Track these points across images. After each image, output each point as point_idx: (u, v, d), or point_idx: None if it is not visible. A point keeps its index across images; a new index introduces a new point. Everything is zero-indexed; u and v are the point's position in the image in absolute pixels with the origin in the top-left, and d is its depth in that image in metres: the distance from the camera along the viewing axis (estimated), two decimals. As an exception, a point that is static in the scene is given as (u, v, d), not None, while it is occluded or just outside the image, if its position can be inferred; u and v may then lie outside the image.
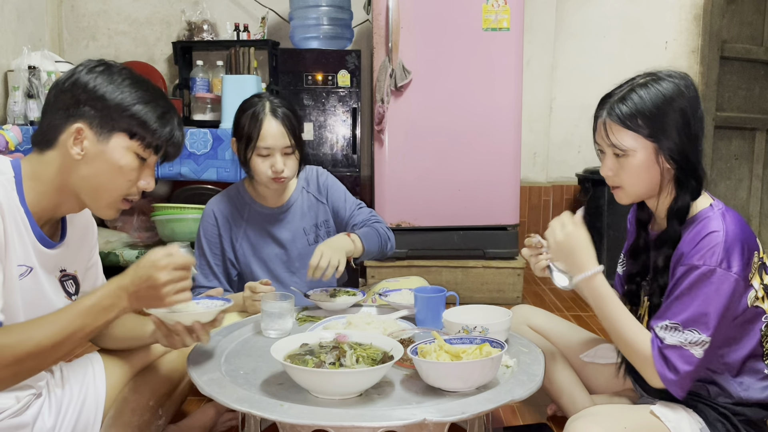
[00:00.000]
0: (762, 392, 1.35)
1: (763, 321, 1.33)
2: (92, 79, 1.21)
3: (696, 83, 1.50)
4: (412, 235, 3.16)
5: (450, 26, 3.04)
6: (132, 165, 1.25)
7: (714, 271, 1.26)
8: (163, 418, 1.48)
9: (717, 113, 3.98)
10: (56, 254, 1.30)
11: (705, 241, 1.28)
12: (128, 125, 1.23)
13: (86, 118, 1.21)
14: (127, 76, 1.25)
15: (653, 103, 1.32)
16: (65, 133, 1.20)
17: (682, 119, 1.33)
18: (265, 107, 1.91)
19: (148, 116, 1.24)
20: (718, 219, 1.31)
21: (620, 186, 1.40)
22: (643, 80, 1.36)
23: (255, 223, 2.04)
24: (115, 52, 3.95)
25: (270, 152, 1.90)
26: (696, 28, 3.94)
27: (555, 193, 4.02)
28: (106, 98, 1.21)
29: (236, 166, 3.13)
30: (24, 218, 1.21)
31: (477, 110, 3.09)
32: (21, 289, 1.21)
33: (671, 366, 1.27)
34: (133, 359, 1.51)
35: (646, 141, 1.33)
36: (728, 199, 4.15)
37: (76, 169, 1.22)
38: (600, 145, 1.41)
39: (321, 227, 2.10)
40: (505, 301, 3.09)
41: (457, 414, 1.18)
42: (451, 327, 1.56)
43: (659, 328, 1.29)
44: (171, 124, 1.28)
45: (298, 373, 1.26)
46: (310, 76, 3.39)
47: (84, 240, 1.41)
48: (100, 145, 1.22)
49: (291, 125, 1.92)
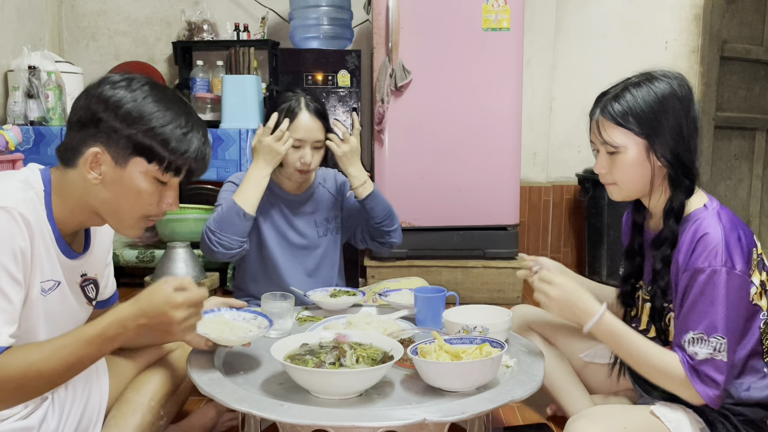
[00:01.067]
0: (762, 391, 1.35)
1: (761, 318, 1.33)
2: (112, 96, 1.17)
3: (694, 83, 1.51)
4: (412, 235, 3.16)
5: (450, 26, 3.04)
6: (150, 190, 1.22)
7: (720, 272, 1.26)
8: (165, 418, 1.48)
9: (717, 113, 3.98)
10: (80, 263, 1.31)
11: (704, 243, 1.29)
12: (146, 149, 1.18)
13: (103, 142, 1.18)
14: (149, 92, 1.20)
15: (645, 101, 1.35)
16: (83, 156, 1.19)
17: (674, 118, 1.34)
18: (300, 102, 1.99)
19: (168, 138, 1.19)
20: (713, 218, 1.32)
21: (613, 182, 1.43)
22: (637, 79, 1.39)
23: (274, 204, 2.08)
24: (115, 52, 3.95)
25: (301, 144, 1.97)
26: (696, 28, 3.94)
27: (555, 193, 4.02)
28: (124, 120, 1.17)
29: (237, 166, 3.13)
30: (51, 233, 1.21)
31: (477, 110, 3.09)
32: (47, 303, 1.22)
33: (709, 381, 1.26)
34: (136, 359, 1.51)
35: (638, 138, 1.36)
36: (728, 199, 4.15)
37: (95, 192, 1.21)
38: (594, 143, 1.44)
39: (331, 222, 2.16)
40: (505, 301, 3.09)
41: (457, 414, 1.18)
42: (451, 327, 1.56)
43: (687, 344, 1.28)
44: (193, 143, 1.22)
45: (298, 373, 1.26)
46: (310, 76, 3.39)
47: (104, 245, 1.42)
48: (117, 170, 1.19)
49: (324, 120, 2.01)
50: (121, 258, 3.28)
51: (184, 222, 3.24)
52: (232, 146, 3.12)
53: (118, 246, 3.36)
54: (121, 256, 3.28)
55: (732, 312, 1.26)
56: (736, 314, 1.28)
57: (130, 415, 1.38)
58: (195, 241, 3.28)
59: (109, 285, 1.49)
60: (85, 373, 1.44)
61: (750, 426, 1.35)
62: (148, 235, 3.54)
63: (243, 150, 3.12)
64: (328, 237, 2.15)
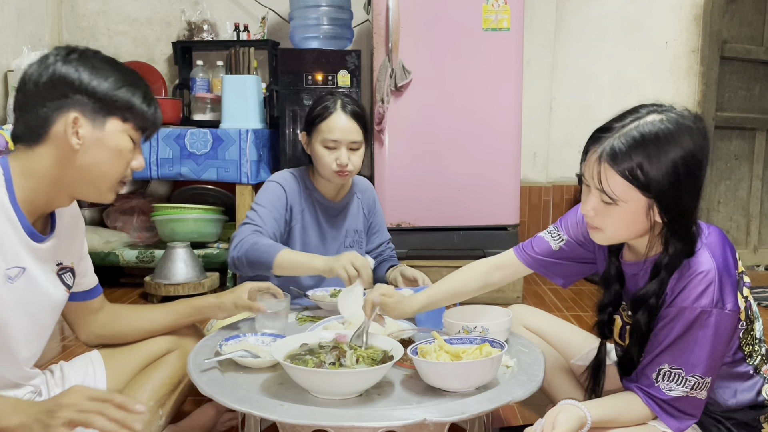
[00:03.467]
0: (749, 392, 1.33)
1: (740, 329, 1.29)
2: (74, 69, 1.20)
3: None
4: (412, 235, 3.16)
5: (450, 26, 3.04)
6: (129, 147, 1.27)
7: (710, 314, 1.18)
8: (164, 418, 1.48)
9: (717, 113, 3.98)
10: (49, 247, 1.29)
11: (695, 282, 1.20)
12: (120, 109, 1.24)
13: (79, 108, 1.20)
14: (104, 60, 1.25)
15: (657, 150, 1.16)
16: (58, 124, 1.20)
17: (686, 173, 1.17)
18: (336, 103, 1.96)
19: (135, 98, 1.25)
20: (705, 253, 1.22)
21: (600, 228, 1.27)
22: (650, 118, 1.19)
23: (311, 208, 2.04)
24: (115, 52, 3.94)
25: (336, 145, 1.93)
26: (696, 28, 3.94)
27: (555, 193, 4.02)
28: (94, 85, 1.21)
29: (236, 166, 3.13)
30: (14, 218, 1.20)
31: (477, 110, 3.09)
32: (15, 292, 1.21)
33: (683, 416, 1.23)
34: (134, 359, 1.51)
35: (641, 194, 1.19)
36: (728, 199, 4.15)
37: (74, 159, 1.22)
38: (586, 180, 1.26)
39: (360, 235, 2.14)
40: (505, 301, 3.08)
41: (457, 414, 1.18)
42: (451, 327, 1.56)
43: (659, 377, 1.23)
44: (154, 104, 1.29)
45: (298, 373, 1.26)
46: (310, 76, 3.39)
47: (74, 232, 1.40)
48: (96, 132, 1.22)
49: (361, 122, 1.96)
50: (121, 258, 3.28)
51: (184, 222, 3.24)
52: (232, 146, 3.12)
53: (118, 246, 3.36)
54: (121, 256, 3.28)
55: (717, 352, 1.21)
56: (722, 352, 1.23)
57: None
58: (195, 241, 3.29)
59: (88, 275, 1.48)
60: (83, 373, 1.44)
61: (743, 428, 1.35)
62: (148, 235, 3.54)
63: (243, 150, 3.12)
64: (353, 250, 2.04)
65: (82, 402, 1.05)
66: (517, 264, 1.57)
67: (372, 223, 2.19)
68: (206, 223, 3.27)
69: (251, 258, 1.80)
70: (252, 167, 3.13)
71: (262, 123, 3.31)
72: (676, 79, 3.97)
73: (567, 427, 1.18)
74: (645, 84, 3.90)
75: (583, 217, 1.32)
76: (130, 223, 3.52)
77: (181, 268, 3.12)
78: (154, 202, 3.48)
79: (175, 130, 3.16)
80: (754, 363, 1.33)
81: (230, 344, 1.51)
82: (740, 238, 4.19)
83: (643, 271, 1.31)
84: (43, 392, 1.35)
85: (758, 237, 4.24)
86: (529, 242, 1.57)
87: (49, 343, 1.42)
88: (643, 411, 1.25)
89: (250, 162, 3.12)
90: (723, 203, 4.15)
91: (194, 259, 3.18)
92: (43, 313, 1.30)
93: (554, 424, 1.19)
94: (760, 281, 3.79)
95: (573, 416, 1.20)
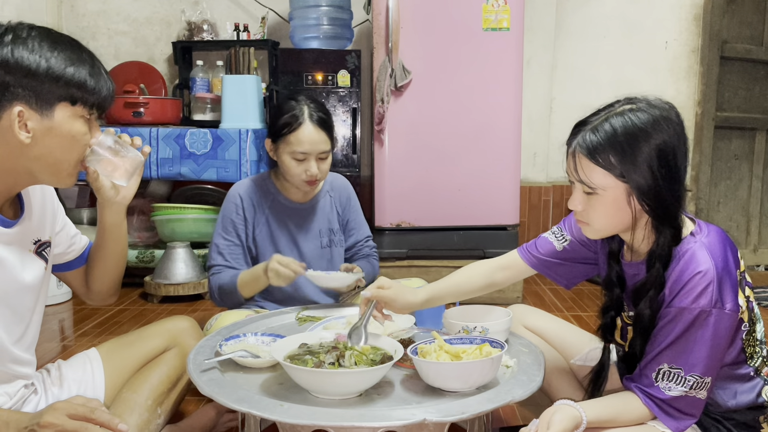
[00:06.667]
0: (750, 394, 1.33)
1: (743, 330, 1.29)
2: (8, 54, 1.12)
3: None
4: (412, 235, 3.16)
5: (450, 26, 3.04)
6: (83, 130, 1.20)
7: (710, 313, 1.19)
8: (162, 416, 1.48)
9: (717, 113, 3.98)
10: (21, 230, 1.26)
11: (694, 281, 1.20)
12: (66, 92, 1.15)
13: (21, 99, 1.12)
14: (42, 38, 1.16)
15: (627, 137, 1.20)
16: (3, 119, 1.12)
17: (658, 158, 1.20)
18: (303, 112, 1.90)
19: (82, 76, 1.16)
20: (703, 252, 1.22)
21: (587, 222, 1.30)
22: (620, 109, 1.24)
23: (276, 214, 2.03)
24: (115, 51, 3.95)
25: (306, 157, 1.90)
26: (696, 28, 3.94)
27: (555, 193, 4.02)
28: (33, 71, 1.12)
29: (236, 166, 3.13)
30: None
31: (477, 110, 3.09)
32: None
33: (683, 415, 1.23)
34: (132, 357, 1.51)
35: (617, 180, 1.22)
36: (728, 199, 4.15)
37: (26, 152, 1.16)
38: (569, 175, 1.30)
39: (335, 234, 2.11)
40: (505, 301, 3.08)
41: (457, 414, 1.18)
42: (451, 327, 1.56)
43: (658, 376, 1.23)
44: (102, 76, 1.21)
45: (298, 373, 1.26)
46: (310, 76, 3.39)
47: (44, 206, 1.37)
48: (46, 121, 1.15)
49: (328, 130, 1.94)
50: (120, 258, 3.27)
51: (184, 222, 3.24)
52: (231, 146, 3.12)
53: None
54: (120, 256, 3.27)
55: (717, 352, 1.21)
56: (722, 352, 1.23)
57: (128, 414, 1.38)
58: (195, 241, 3.29)
59: (76, 240, 1.45)
60: (80, 372, 1.44)
61: (743, 428, 1.34)
62: (148, 235, 3.54)
63: (243, 150, 3.12)
64: (332, 249, 2.08)
65: (63, 420, 1.04)
66: (521, 265, 1.58)
67: (348, 220, 2.14)
68: (206, 223, 3.27)
69: (228, 300, 1.95)
70: (252, 167, 3.13)
71: (262, 123, 3.31)
72: (676, 79, 3.97)
73: (562, 427, 1.18)
74: (645, 84, 3.90)
75: None
76: (129, 223, 3.52)
77: (181, 268, 3.12)
78: (154, 202, 3.47)
79: (175, 130, 3.17)
80: (755, 365, 1.33)
81: (230, 344, 1.51)
82: (740, 238, 4.19)
83: (642, 271, 1.32)
84: (39, 391, 1.34)
85: (758, 237, 4.24)
86: (533, 243, 1.58)
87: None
88: (642, 411, 1.25)
89: (250, 162, 3.12)
90: (723, 203, 4.15)
91: (194, 259, 3.18)
92: (19, 297, 1.26)
93: (549, 423, 1.19)
94: (760, 281, 3.79)
95: (568, 416, 1.20)
